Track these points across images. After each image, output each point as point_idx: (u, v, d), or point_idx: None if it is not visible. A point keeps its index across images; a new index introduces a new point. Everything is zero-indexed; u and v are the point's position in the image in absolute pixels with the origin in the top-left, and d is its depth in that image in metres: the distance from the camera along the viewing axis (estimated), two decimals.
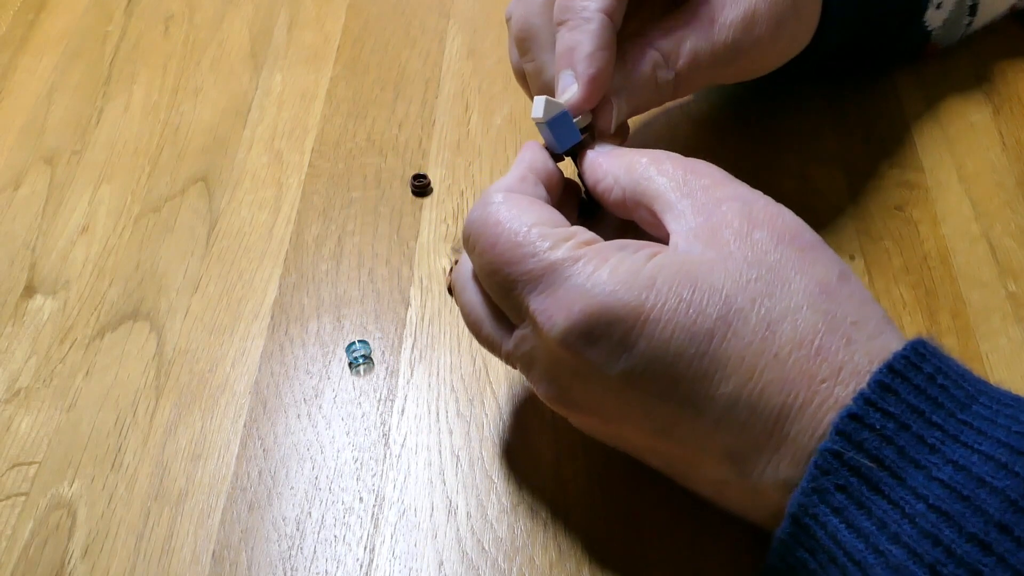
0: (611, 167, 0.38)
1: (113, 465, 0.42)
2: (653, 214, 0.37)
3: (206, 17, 0.64)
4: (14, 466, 0.43)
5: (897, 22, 0.51)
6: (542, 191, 0.39)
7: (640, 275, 0.33)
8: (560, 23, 0.41)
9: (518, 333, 0.36)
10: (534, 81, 0.43)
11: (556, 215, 0.36)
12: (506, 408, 0.43)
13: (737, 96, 0.53)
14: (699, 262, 0.34)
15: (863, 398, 0.31)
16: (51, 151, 0.56)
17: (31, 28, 0.64)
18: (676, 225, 0.35)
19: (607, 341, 0.33)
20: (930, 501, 0.29)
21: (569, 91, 0.40)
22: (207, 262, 0.50)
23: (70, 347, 0.47)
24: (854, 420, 0.31)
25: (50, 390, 0.45)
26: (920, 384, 0.31)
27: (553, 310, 0.34)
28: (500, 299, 0.36)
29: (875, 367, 0.32)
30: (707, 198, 0.36)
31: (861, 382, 0.32)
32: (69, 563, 0.40)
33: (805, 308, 0.33)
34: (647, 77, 0.42)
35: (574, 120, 0.40)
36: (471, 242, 0.37)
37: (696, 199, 0.36)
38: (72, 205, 0.53)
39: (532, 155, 0.40)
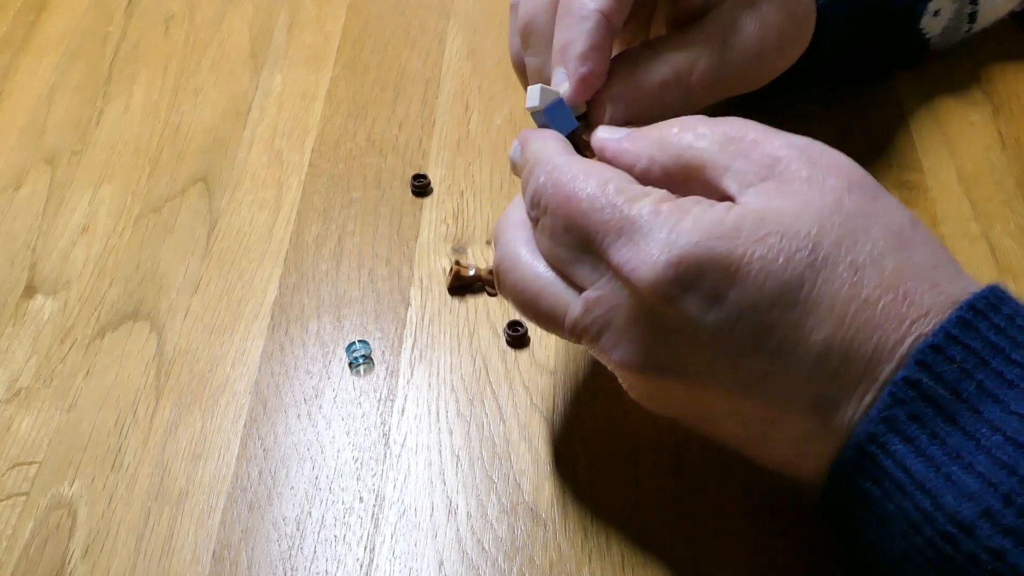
0: (641, 148, 0.38)
1: (113, 465, 0.43)
2: (706, 184, 0.36)
3: (206, 17, 0.64)
4: (14, 466, 0.43)
5: (892, 30, 0.51)
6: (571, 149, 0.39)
7: (725, 224, 0.33)
8: (559, 19, 0.41)
9: (591, 295, 0.35)
10: (535, 76, 0.43)
11: (625, 175, 0.36)
12: (506, 408, 0.43)
13: (737, 97, 0.53)
14: (780, 210, 0.33)
15: (944, 332, 0.31)
16: (51, 151, 0.56)
17: (31, 29, 0.64)
18: (738, 186, 0.35)
19: (698, 290, 0.32)
20: (1008, 433, 0.30)
21: (561, 88, 0.40)
22: (207, 262, 0.50)
23: (70, 347, 0.47)
24: (935, 351, 0.31)
25: (50, 390, 0.45)
26: (1000, 324, 0.32)
27: (639, 260, 0.33)
28: (574, 257, 0.35)
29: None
30: (761, 154, 0.35)
31: None
32: (69, 563, 0.40)
33: (888, 255, 0.33)
34: (652, 88, 0.42)
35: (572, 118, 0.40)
36: (543, 202, 0.36)
37: (750, 158, 0.35)
38: (72, 205, 0.53)
39: (552, 132, 0.40)
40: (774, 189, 0.34)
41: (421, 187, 0.52)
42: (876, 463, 0.32)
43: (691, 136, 0.36)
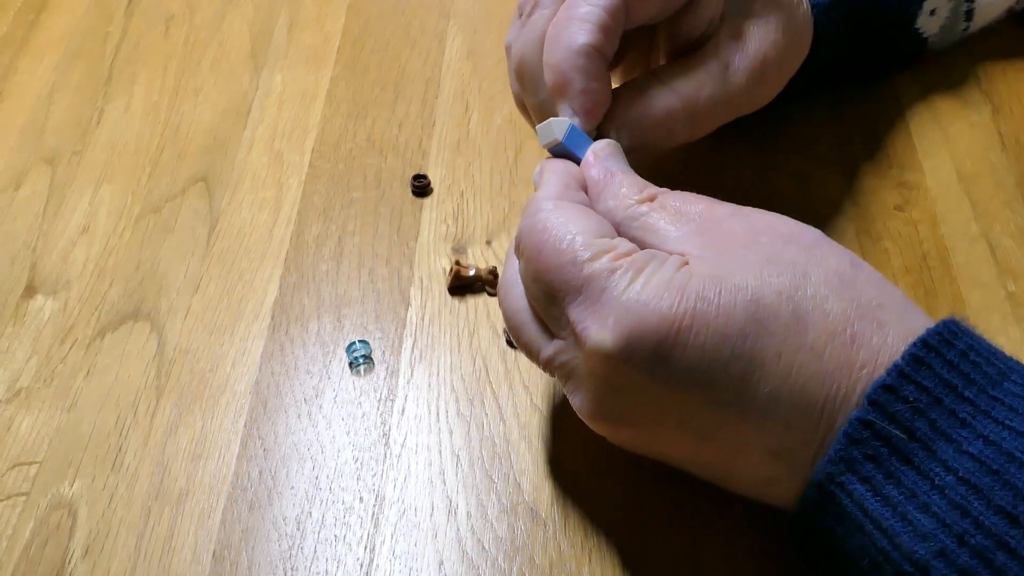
0: (607, 198, 0.39)
1: (114, 465, 0.43)
2: (658, 247, 0.37)
3: (206, 17, 0.64)
4: (15, 466, 0.43)
5: (889, 32, 0.51)
6: (585, 197, 0.39)
7: (671, 285, 0.33)
8: (549, 55, 0.41)
9: (558, 343, 0.36)
10: (538, 114, 0.43)
11: (603, 224, 0.37)
12: (506, 408, 0.43)
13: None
14: (721, 265, 0.34)
15: (897, 370, 0.32)
16: (52, 151, 0.56)
17: (32, 29, 0.64)
18: (683, 248, 0.36)
19: (642, 354, 0.33)
20: (960, 474, 0.30)
21: (570, 124, 0.41)
22: (207, 262, 0.50)
23: (71, 347, 0.47)
24: (888, 391, 0.31)
25: (51, 390, 0.45)
26: (953, 359, 0.32)
27: (590, 322, 0.34)
28: (543, 306, 0.37)
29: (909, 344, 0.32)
30: (706, 221, 0.36)
31: None
32: (70, 563, 0.40)
33: (831, 298, 0.33)
34: (659, 117, 0.42)
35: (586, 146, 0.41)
36: (521, 247, 0.37)
37: (696, 224, 0.36)
38: (73, 205, 0.53)
39: (564, 166, 0.40)
40: (715, 247, 0.35)
41: (421, 187, 0.52)
42: (836, 502, 0.32)
43: (647, 207, 0.37)
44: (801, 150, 0.52)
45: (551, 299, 0.36)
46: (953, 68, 0.55)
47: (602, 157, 0.40)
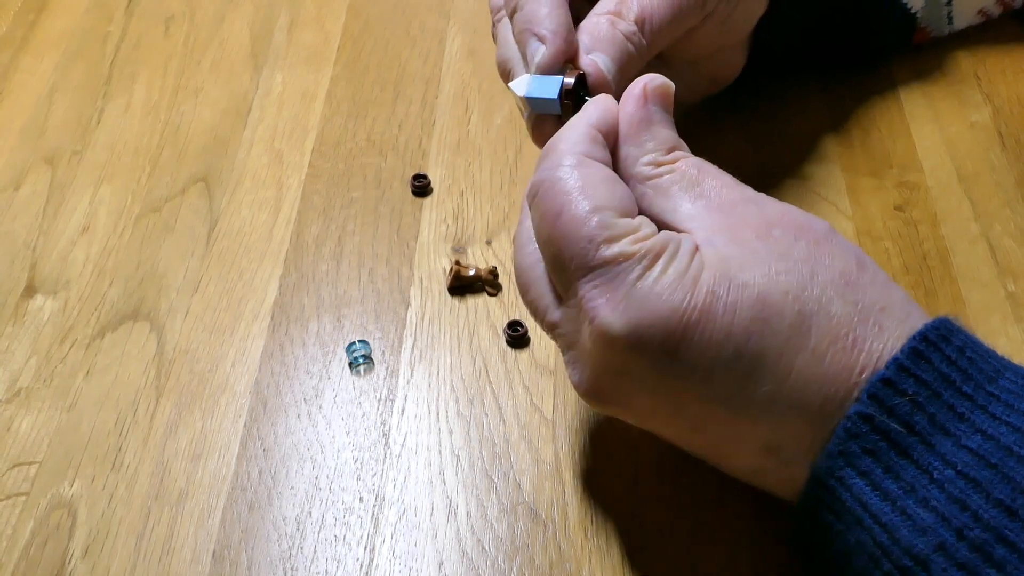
0: (632, 143, 0.38)
1: (113, 465, 0.43)
2: (670, 224, 0.36)
3: (206, 17, 0.64)
4: (14, 466, 0.43)
5: (874, 3, 0.51)
6: (607, 155, 0.37)
7: (685, 278, 0.33)
8: (512, 6, 0.42)
9: (564, 311, 0.36)
10: (520, 38, 0.43)
11: (625, 198, 0.36)
12: (506, 408, 0.43)
13: (737, 96, 0.53)
14: (731, 257, 0.34)
15: (897, 364, 0.32)
16: (52, 151, 0.56)
17: (32, 28, 0.64)
18: (693, 224, 0.35)
19: (649, 345, 0.33)
20: (959, 468, 0.30)
21: (539, 53, 0.41)
22: (207, 262, 0.50)
23: (70, 347, 0.47)
24: (887, 385, 0.31)
25: (50, 390, 0.45)
26: (951, 355, 0.32)
27: (602, 306, 0.33)
28: (553, 271, 0.36)
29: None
30: (720, 200, 0.36)
31: None
32: (69, 563, 0.40)
33: (835, 300, 0.33)
34: (608, 30, 0.42)
35: (564, 79, 0.41)
36: (536, 201, 0.36)
37: (711, 200, 0.36)
38: (73, 205, 0.53)
39: (600, 113, 0.38)
40: (725, 232, 0.34)
41: (421, 187, 0.52)
42: (835, 497, 0.32)
43: (663, 168, 0.37)
44: (802, 149, 0.52)
45: (561, 266, 0.35)
46: (954, 68, 0.55)
47: (650, 95, 0.38)
